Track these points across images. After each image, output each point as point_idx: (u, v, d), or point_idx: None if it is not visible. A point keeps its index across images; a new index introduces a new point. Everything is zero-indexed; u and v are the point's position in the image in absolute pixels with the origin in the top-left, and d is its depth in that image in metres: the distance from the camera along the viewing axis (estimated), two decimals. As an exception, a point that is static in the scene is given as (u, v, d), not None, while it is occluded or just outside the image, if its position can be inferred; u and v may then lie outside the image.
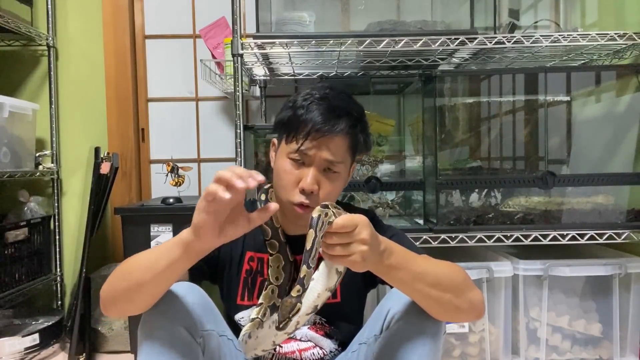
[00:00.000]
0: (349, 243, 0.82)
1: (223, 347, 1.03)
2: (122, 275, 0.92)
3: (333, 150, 1.04)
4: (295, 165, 1.06)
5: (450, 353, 1.73)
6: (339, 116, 1.04)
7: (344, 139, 1.05)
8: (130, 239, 1.84)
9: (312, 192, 1.03)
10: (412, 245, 1.08)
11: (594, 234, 1.66)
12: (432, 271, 0.91)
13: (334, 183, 1.07)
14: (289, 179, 1.06)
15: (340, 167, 1.07)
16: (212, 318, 1.02)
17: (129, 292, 0.90)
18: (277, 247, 1.13)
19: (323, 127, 1.02)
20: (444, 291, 0.91)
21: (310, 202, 1.04)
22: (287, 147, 1.07)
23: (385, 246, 0.87)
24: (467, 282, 0.96)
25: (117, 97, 2.35)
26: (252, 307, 1.14)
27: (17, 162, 2.07)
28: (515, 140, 2.03)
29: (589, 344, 1.72)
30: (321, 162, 1.04)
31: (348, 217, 0.83)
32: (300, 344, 1.15)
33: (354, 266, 0.84)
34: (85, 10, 2.34)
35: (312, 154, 1.04)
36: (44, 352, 2.02)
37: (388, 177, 2.00)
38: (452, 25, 1.90)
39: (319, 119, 1.02)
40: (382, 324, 1.00)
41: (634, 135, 1.75)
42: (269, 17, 1.86)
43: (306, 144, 1.03)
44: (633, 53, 1.79)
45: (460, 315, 0.96)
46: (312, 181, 1.03)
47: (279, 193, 1.09)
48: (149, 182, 2.46)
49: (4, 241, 1.96)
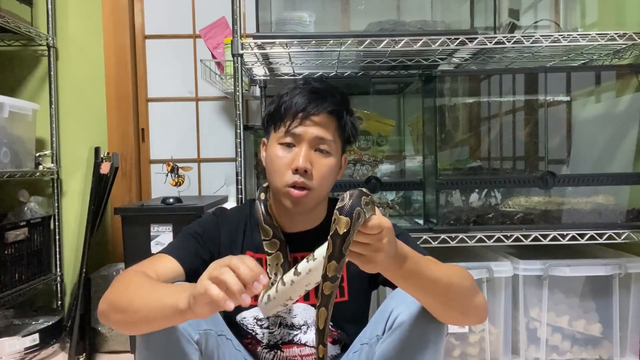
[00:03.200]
0: (367, 244, 0.79)
1: (222, 346, 1.03)
2: (115, 308, 0.91)
3: (321, 127, 1.06)
4: (287, 149, 1.07)
5: (450, 353, 1.73)
6: (324, 97, 1.06)
7: (330, 117, 1.07)
8: (130, 239, 1.84)
9: (305, 170, 1.04)
10: (417, 246, 1.08)
11: (594, 234, 1.66)
12: (444, 277, 0.90)
13: (326, 163, 1.07)
14: (281, 162, 1.06)
15: (331, 146, 1.08)
16: (210, 318, 1.01)
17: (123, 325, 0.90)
18: (278, 246, 1.13)
19: (308, 107, 1.05)
20: (453, 296, 0.91)
21: (305, 182, 1.04)
22: (276, 134, 1.08)
23: (401, 252, 0.84)
24: (474, 287, 0.95)
25: (117, 97, 2.35)
26: (253, 308, 1.14)
27: (17, 162, 2.07)
28: (515, 140, 2.03)
29: (589, 344, 1.72)
30: (311, 139, 1.05)
31: (380, 219, 0.78)
32: (303, 349, 1.14)
33: (364, 267, 0.82)
34: (85, 10, 2.34)
35: (301, 132, 1.05)
36: (44, 352, 2.02)
37: (388, 177, 2.00)
38: (452, 25, 1.90)
39: (303, 99, 1.05)
40: (384, 324, 0.99)
41: (634, 135, 1.75)
42: (269, 17, 1.86)
43: (294, 123, 1.05)
44: (633, 53, 1.79)
45: (465, 319, 0.97)
46: (305, 159, 1.04)
47: (273, 181, 1.10)
48: (149, 182, 2.46)
49: (4, 241, 1.96)
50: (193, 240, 1.12)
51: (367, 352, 1.03)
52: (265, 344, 1.15)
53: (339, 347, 1.16)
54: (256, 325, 1.15)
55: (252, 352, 1.16)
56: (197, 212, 1.77)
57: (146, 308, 0.86)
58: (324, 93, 1.08)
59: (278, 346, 1.15)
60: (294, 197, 1.05)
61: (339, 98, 1.09)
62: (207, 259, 1.09)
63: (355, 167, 1.93)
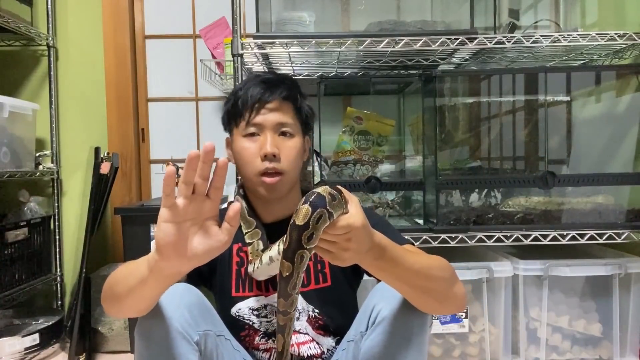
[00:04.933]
0: (334, 242, 0.78)
1: (220, 347, 1.04)
2: (110, 285, 0.92)
3: (279, 112, 1.10)
4: (251, 139, 1.11)
5: (450, 353, 1.73)
6: (276, 85, 1.11)
7: (286, 102, 1.12)
8: (130, 239, 1.84)
9: (273, 155, 1.07)
10: (397, 235, 1.08)
11: (594, 234, 1.66)
12: (422, 269, 0.90)
13: (292, 145, 1.11)
14: (248, 153, 1.10)
15: (294, 129, 1.12)
16: (209, 318, 1.02)
17: (116, 302, 0.91)
18: (259, 235, 1.15)
19: (264, 96, 1.10)
20: (431, 286, 0.91)
21: (275, 167, 1.08)
22: (238, 129, 1.13)
23: (377, 244, 0.83)
24: (454, 276, 0.96)
25: (117, 97, 2.35)
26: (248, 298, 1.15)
27: (17, 162, 2.07)
28: (515, 140, 2.03)
29: (589, 344, 1.72)
30: (273, 125, 1.10)
31: (349, 220, 0.77)
32: (298, 336, 1.15)
33: (333, 262, 0.81)
34: (85, 11, 2.34)
35: (262, 120, 1.10)
36: (44, 352, 2.02)
37: (388, 177, 2.00)
38: (452, 25, 1.90)
39: (257, 90, 1.10)
40: (367, 320, 1.00)
41: (634, 135, 1.75)
42: (269, 17, 1.86)
43: (253, 114, 1.09)
44: (633, 53, 1.79)
45: (445, 308, 0.97)
46: (271, 144, 1.08)
47: (245, 174, 1.12)
48: (149, 182, 2.46)
49: (4, 241, 1.96)
50: None
51: (353, 349, 1.04)
52: (263, 332, 1.15)
53: (334, 340, 1.17)
54: (252, 315, 1.15)
55: (250, 345, 1.16)
56: (197, 212, 1.77)
57: (126, 275, 0.87)
58: (275, 81, 1.13)
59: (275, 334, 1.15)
60: (268, 184, 1.08)
61: (289, 84, 1.14)
62: None
63: (355, 167, 1.93)
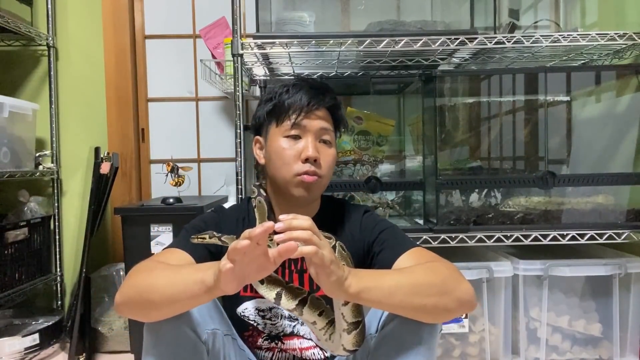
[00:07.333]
0: None
1: (227, 346, 1.04)
2: (140, 291, 0.92)
3: (323, 120, 1.13)
4: (293, 141, 1.12)
5: (450, 353, 1.73)
6: (323, 93, 1.15)
7: (328, 112, 1.15)
8: (130, 239, 1.84)
9: (315, 159, 1.10)
10: (404, 240, 1.10)
11: (594, 234, 1.66)
12: (405, 284, 0.90)
13: (331, 153, 1.15)
14: (289, 154, 1.11)
15: (332, 137, 1.16)
16: (217, 318, 1.03)
17: (147, 309, 0.92)
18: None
19: (312, 101, 1.12)
20: (424, 299, 0.90)
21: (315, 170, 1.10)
22: (280, 128, 1.13)
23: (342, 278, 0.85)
24: (449, 280, 0.94)
25: (117, 97, 2.35)
26: (255, 298, 1.15)
27: (17, 162, 2.07)
28: (515, 140, 2.03)
29: (589, 344, 1.72)
30: (316, 130, 1.12)
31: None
32: (302, 341, 1.15)
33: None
34: (85, 10, 2.34)
35: (307, 124, 1.12)
36: (44, 352, 2.02)
37: (388, 177, 2.00)
38: (452, 25, 1.90)
39: (306, 96, 1.13)
40: (377, 323, 1.00)
41: (634, 135, 1.75)
42: (269, 17, 1.86)
43: (300, 116, 1.11)
44: (633, 53, 1.79)
45: (450, 314, 0.96)
46: (314, 149, 1.10)
47: (280, 174, 1.12)
48: (149, 182, 2.46)
49: (4, 241, 1.96)
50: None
51: (360, 352, 1.04)
52: (266, 334, 1.16)
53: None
54: (257, 315, 1.16)
55: (253, 345, 1.16)
56: (197, 212, 1.78)
57: (171, 287, 0.88)
58: (323, 90, 1.16)
59: (279, 337, 1.16)
60: (307, 182, 1.09)
61: (333, 94, 1.18)
62: (213, 250, 1.09)
63: (355, 167, 1.93)
